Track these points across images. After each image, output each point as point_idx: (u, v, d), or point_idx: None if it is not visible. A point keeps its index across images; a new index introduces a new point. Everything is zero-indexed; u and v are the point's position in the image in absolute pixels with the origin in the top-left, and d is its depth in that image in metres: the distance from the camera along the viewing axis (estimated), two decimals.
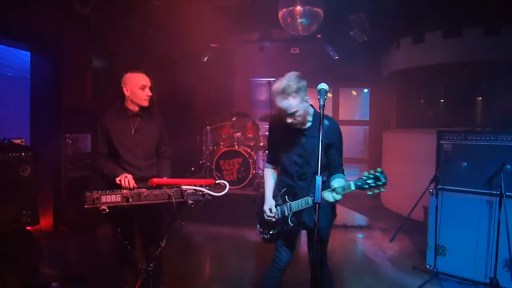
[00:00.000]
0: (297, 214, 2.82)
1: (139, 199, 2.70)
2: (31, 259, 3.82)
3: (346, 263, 4.79)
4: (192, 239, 5.88)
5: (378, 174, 2.35)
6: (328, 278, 3.10)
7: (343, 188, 2.47)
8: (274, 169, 3.08)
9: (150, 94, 3.22)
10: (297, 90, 2.56)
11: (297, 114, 2.61)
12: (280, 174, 3.01)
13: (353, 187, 2.43)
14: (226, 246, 5.62)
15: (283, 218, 2.88)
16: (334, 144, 2.72)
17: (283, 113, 2.64)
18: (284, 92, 2.58)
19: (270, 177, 3.08)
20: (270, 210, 2.92)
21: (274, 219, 2.93)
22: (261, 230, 3.18)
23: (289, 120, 2.65)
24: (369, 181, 2.35)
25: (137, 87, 3.18)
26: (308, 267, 2.24)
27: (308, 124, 2.76)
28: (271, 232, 3.05)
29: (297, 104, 2.58)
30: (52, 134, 5.52)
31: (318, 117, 2.51)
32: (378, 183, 2.33)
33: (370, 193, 2.41)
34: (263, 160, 7.96)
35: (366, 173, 2.37)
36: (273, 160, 3.06)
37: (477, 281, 4.03)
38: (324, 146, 2.54)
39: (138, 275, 2.94)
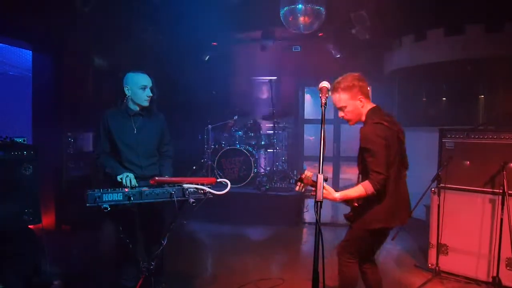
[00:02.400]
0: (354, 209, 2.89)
1: (141, 198, 2.70)
2: (33, 257, 3.82)
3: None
4: (194, 237, 5.89)
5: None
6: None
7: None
8: None
9: (151, 94, 3.23)
10: (347, 88, 2.74)
11: (346, 109, 2.80)
12: None
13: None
14: (228, 245, 5.62)
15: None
16: (365, 149, 2.70)
17: (336, 107, 2.84)
18: (334, 87, 2.77)
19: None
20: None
21: None
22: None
23: (340, 114, 2.85)
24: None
25: (138, 87, 3.19)
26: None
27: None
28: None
29: (346, 100, 2.76)
30: (54, 132, 5.53)
31: (371, 118, 2.74)
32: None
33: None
34: (265, 159, 7.96)
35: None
36: None
37: (479, 280, 4.02)
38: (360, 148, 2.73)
39: (140, 273, 2.95)
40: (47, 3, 5.12)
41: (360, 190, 2.63)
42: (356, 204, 2.79)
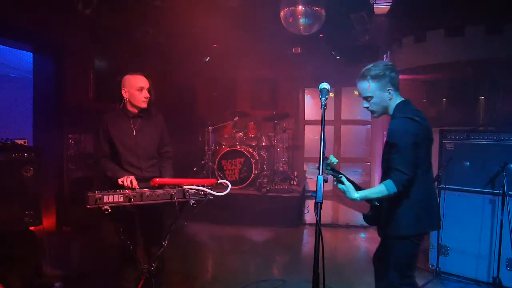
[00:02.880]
0: (375, 211, 2.67)
1: (141, 199, 2.70)
2: (34, 259, 3.83)
3: (348, 262, 4.79)
4: (194, 238, 5.88)
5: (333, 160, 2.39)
6: None
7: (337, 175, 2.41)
8: None
9: (148, 95, 3.23)
10: (377, 76, 2.52)
11: (372, 100, 2.57)
12: None
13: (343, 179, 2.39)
14: (228, 246, 5.63)
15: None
16: (390, 144, 2.47)
17: (360, 96, 2.62)
18: (363, 74, 2.57)
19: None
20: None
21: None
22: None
23: (364, 105, 2.62)
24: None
25: (135, 89, 3.20)
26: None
27: None
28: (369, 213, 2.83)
29: (374, 90, 2.54)
30: (55, 134, 5.54)
31: (401, 112, 2.52)
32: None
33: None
34: (265, 160, 7.96)
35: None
36: None
37: (480, 280, 4.02)
38: (385, 145, 2.55)
39: (141, 275, 2.95)
40: (47, 5, 5.14)
41: (382, 190, 2.37)
42: (377, 203, 2.58)
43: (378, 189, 2.39)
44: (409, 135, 2.39)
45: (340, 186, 2.41)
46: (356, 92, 12.48)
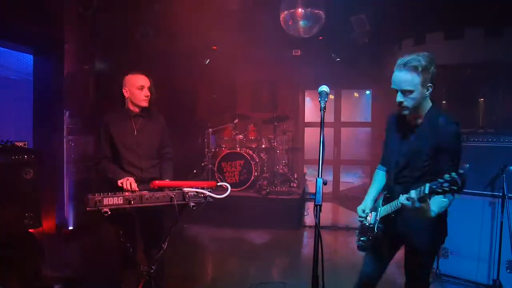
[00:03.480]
0: (387, 221, 2.48)
1: (141, 202, 2.70)
2: (34, 261, 3.83)
3: (348, 264, 4.77)
4: (194, 241, 5.88)
5: (455, 177, 1.94)
6: None
7: (418, 192, 2.08)
8: (384, 171, 2.74)
9: (149, 94, 3.25)
10: (424, 69, 2.23)
11: (410, 95, 2.27)
12: (386, 176, 2.71)
13: (427, 190, 2.03)
14: (228, 248, 5.62)
15: (373, 224, 2.55)
16: (445, 147, 2.26)
17: (395, 88, 2.32)
18: (407, 64, 2.25)
19: (375, 179, 2.79)
20: (363, 211, 2.63)
21: (366, 222, 2.61)
22: (357, 235, 2.77)
23: (399, 99, 2.31)
24: (444, 185, 1.97)
25: (136, 88, 3.21)
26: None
27: (420, 121, 2.40)
28: (361, 239, 2.67)
29: (416, 84, 2.25)
30: (55, 136, 5.53)
31: (436, 116, 2.32)
32: (453, 187, 1.94)
33: (443, 199, 2.19)
34: (265, 163, 7.96)
35: (446, 176, 1.97)
36: (383, 160, 2.77)
37: (480, 282, 4.02)
38: (432, 149, 2.29)
39: (140, 277, 2.95)
40: (48, 7, 5.15)
41: (448, 203, 2.31)
42: (393, 215, 2.42)
43: (445, 202, 2.29)
44: (459, 139, 2.31)
45: (403, 202, 2.19)
46: (356, 94, 12.47)
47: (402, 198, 2.17)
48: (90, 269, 4.54)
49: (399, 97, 2.31)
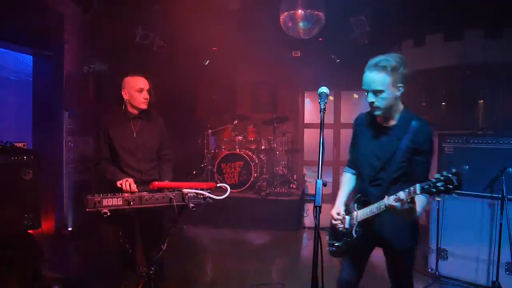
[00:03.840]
0: (365, 225, 2.43)
1: (140, 203, 2.70)
2: (33, 262, 3.82)
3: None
4: (194, 242, 5.88)
5: (449, 175, 1.92)
6: None
7: (408, 193, 2.06)
8: (353, 173, 2.71)
9: (147, 97, 3.24)
10: (393, 69, 2.25)
11: (381, 95, 2.28)
12: (357, 179, 2.67)
13: (418, 191, 2.01)
14: (227, 249, 5.62)
15: (349, 229, 2.49)
16: (421, 149, 2.30)
17: (366, 88, 2.33)
18: (377, 64, 2.28)
19: (345, 182, 2.72)
20: (338, 213, 2.57)
21: (341, 226, 2.54)
22: (328, 241, 2.71)
23: (370, 99, 2.32)
24: (438, 184, 1.94)
25: (135, 90, 3.21)
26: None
27: (393, 123, 2.41)
28: (335, 244, 2.61)
29: (386, 84, 2.26)
30: (54, 137, 5.53)
31: (408, 118, 2.35)
32: (449, 186, 1.91)
33: (438, 198, 2.24)
34: (265, 164, 7.96)
35: (437, 175, 1.96)
36: (352, 162, 2.72)
37: (479, 284, 4.01)
38: (408, 151, 2.30)
39: (140, 278, 2.95)
40: (48, 8, 5.15)
41: (428, 201, 2.25)
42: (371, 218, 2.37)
43: (425, 200, 2.24)
44: (432, 141, 2.35)
45: (391, 203, 2.16)
46: (356, 96, 12.47)
47: (390, 200, 2.14)
48: (89, 270, 4.54)
49: (370, 97, 2.33)
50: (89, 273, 4.44)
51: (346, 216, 2.53)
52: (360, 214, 2.43)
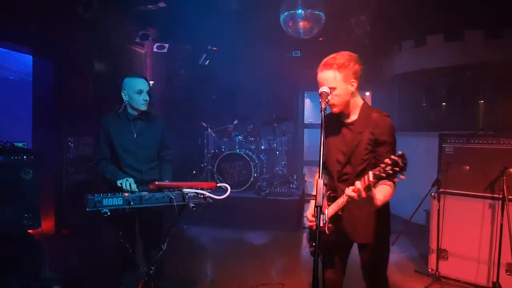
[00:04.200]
0: (336, 221, 2.44)
1: (141, 202, 2.70)
2: (33, 262, 3.82)
3: (348, 265, 4.78)
4: (194, 242, 5.88)
5: (395, 159, 1.94)
6: None
7: (363, 181, 2.07)
8: (325, 173, 2.67)
9: (147, 98, 3.24)
10: (341, 66, 2.33)
11: (335, 92, 2.34)
12: (326, 176, 2.64)
13: (371, 177, 2.02)
14: (227, 249, 5.61)
15: (323, 227, 2.45)
16: (383, 139, 2.35)
17: (320, 88, 2.34)
18: (327, 63, 2.37)
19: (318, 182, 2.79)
20: (312, 215, 2.55)
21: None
22: (308, 242, 2.75)
23: (323, 95, 2.31)
24: (386, 169, 1.95)
25: (134, 92, 3.20)
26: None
27: (354, 118, 2.47)
28: (314, 244, 2.60)
29: (337, 81, 2.33)
30: (54, 137, 5.53)
31: (368, 112, 2.41)
32: (395, 169, 1.93)
33: (386, 185, 2.22)
34: (264, 164, 7.96)
35: (386, 159, 1.97)
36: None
37: (479, 285, 4.01)
38: (369, 143, 2.36)
39: (140, 278, 2.94)
40: (47, 8, 5.14)
41: (391, 191, 2.26)
42: (340, 213, 2.38)
43: (389, 190, 2.26)
44: (394, 132, 2.41)
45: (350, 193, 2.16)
46: None
47: (348, 191, 2.14)
48: (89, 270, 4.53)
49: (323, 98, 2.34)
50: (89, 273, 4.44)
51: (322, 215, 2.50)
52: (330, 210, 2.45)
